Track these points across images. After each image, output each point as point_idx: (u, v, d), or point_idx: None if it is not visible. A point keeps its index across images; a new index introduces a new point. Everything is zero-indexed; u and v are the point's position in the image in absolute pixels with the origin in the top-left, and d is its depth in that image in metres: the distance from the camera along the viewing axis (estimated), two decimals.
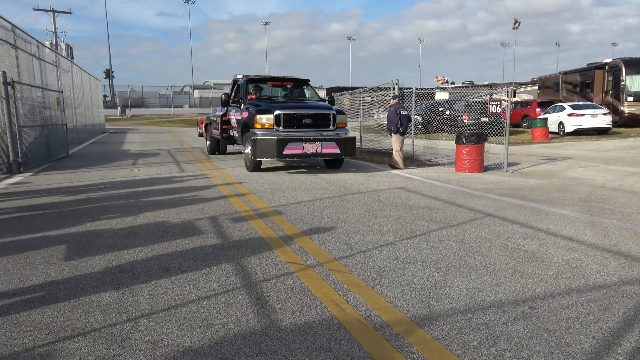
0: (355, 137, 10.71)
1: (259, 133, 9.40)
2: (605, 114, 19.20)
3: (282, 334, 2.76)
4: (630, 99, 21.89)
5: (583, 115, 18.94)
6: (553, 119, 19.89)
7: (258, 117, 9.48)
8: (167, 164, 11.65)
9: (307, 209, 6.18)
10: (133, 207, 6.34)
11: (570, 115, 19.22)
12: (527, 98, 33.18)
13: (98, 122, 27.92)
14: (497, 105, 10.48)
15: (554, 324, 2.86)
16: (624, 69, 22.11)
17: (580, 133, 19.11)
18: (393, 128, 10.40)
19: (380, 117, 17.38)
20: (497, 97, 12.89)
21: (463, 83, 74.70)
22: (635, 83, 21.97)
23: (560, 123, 19.65)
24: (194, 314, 3.02)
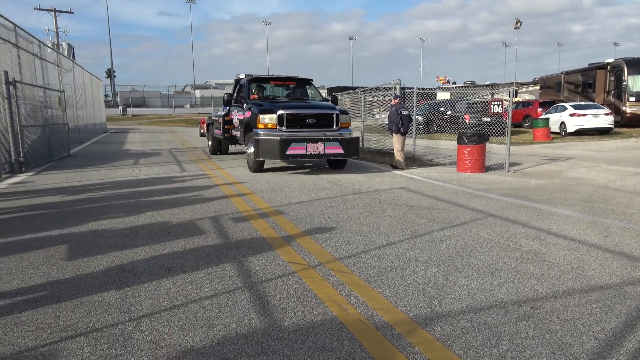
0: (358, 137, 10.69)
1: (262, 133, 9.34)
2: (607, 114, 19.15)
3: (283, 334, 2.76)
4: (632, 99, 21.82)
5: (585, 116, 18.90)
6: (555, 119, 19.86)
7: (261, 116, 9.41)
8: (168, 164, 11.66)
9: (308, 209, 6.18)
10: (135, 206, 6.35)
11: (572, 116, 19.18)
12: (528, 98, 33.12)
13: (99, 121, 27.99)
14: (498, 105, 10.48)
15: (556, 325, 2.85)
16: (626, 69, 22.05)
17: (582, 133, 19.07)
18: (394, 128, 10.39)
19: (382, 117, 17.36)
20: (498, 97, 12.87)
21: (465, 83, 74.78)
22: (638, 83, 21.90)
23: (562, 123, 19.61)
24: (196, 314, 3.02)
